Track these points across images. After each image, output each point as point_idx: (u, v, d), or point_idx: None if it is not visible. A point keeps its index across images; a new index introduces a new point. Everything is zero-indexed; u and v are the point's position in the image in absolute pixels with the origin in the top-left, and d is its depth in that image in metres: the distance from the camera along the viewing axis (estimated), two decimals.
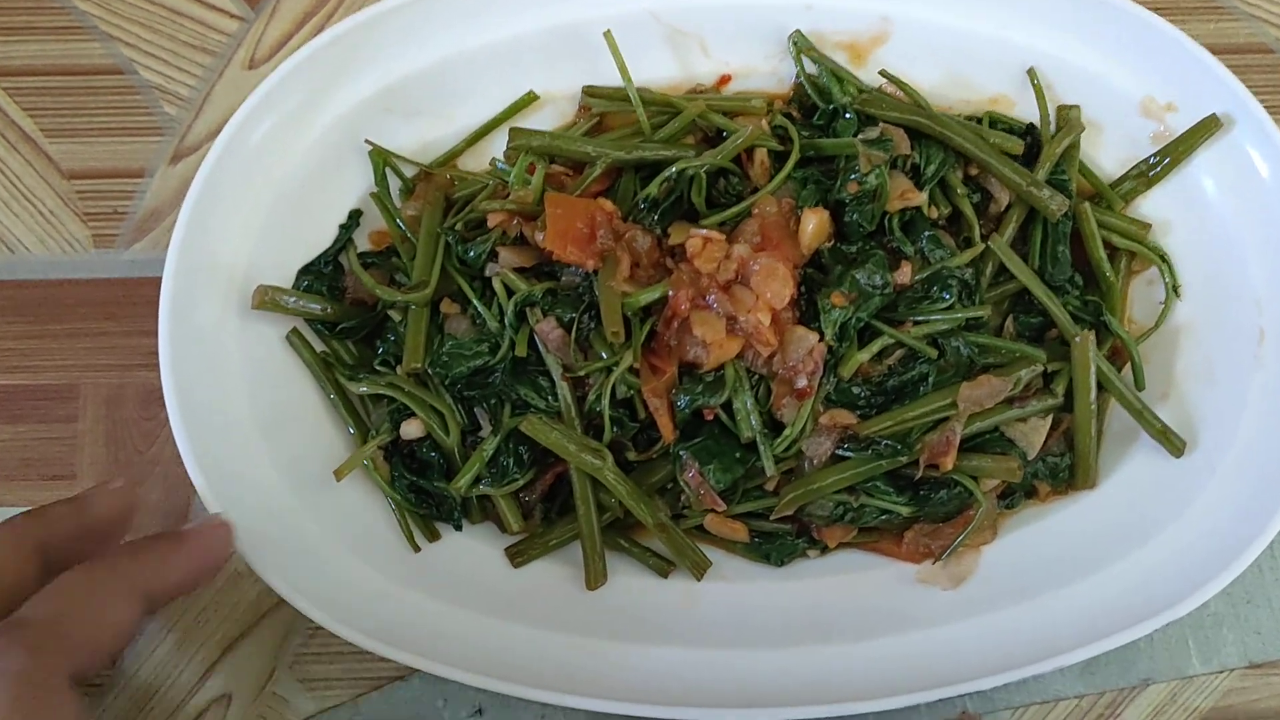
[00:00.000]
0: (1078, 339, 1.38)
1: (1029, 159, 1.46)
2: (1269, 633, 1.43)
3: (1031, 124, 1.49)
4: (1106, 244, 1.44)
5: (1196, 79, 1.43)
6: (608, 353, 1.33)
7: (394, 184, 1.47)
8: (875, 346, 1.35)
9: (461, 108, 1.49)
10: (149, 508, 1.45)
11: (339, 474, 1.35)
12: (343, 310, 1.44)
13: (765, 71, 1.51)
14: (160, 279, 1.33)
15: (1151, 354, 1.44)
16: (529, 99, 1.50)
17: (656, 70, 1.50)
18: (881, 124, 1.41)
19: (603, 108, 1.49)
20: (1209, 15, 1.63)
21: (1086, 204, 1.44)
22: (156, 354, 1.31)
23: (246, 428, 1.35)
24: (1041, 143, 1.46)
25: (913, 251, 1.40)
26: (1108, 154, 1.48)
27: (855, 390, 1.36)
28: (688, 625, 1.35)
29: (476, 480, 1.36)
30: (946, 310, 1.37)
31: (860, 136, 1.40)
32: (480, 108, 1.49)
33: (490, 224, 1.39)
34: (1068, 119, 1.47)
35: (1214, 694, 1.41)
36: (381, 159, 1.46)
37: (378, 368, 1.41)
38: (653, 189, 1.39)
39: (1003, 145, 1.44)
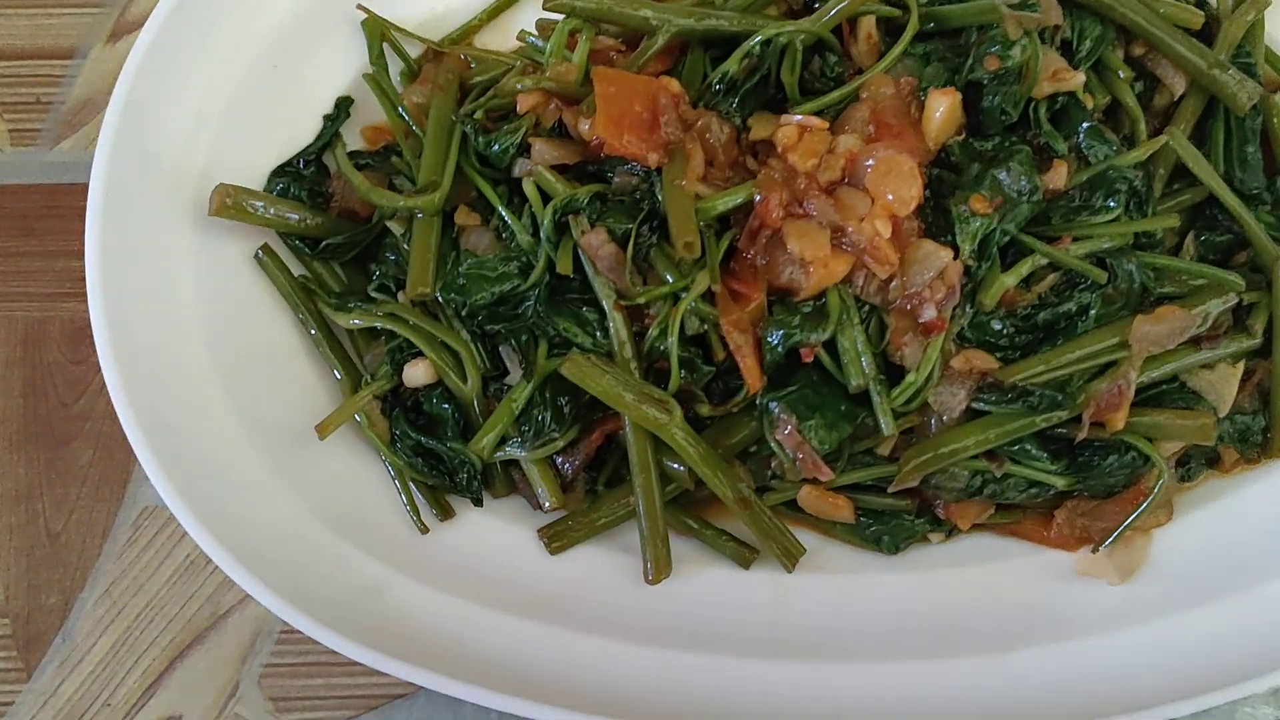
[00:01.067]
0: None
1: (1202, 42, 1.24)
2: None
3: None
4: None
5: None
6: (675, 275, 1.13)
7: (394, 65, 1.31)
8: (1024, 267, 1.14)
9: None
10: (78, 474, 1.24)
11: (322, 431, 1.16)
12: (328, 222, 1.25)
13: None
14: None
15: None
16: None
17: None
18: None
19: None
20: None
21: (1277, 96, 1.23)
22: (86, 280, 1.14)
23: (202, 373, 1.16)
24: (1217, 20, 1.27)
25: (1066, 149, 1.18)
26: None
27: (997, 326, 1.15)
28: (776, 630, 1.16)
29: (502, 440, 1.16)
30: (1113, 223, 1.15)
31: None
32: None
33: (520, 109, 1.20)
34: None
35: None
36: (378, 31, 1.30)
37: (373, 295, 1.23)
38: (731, 65, 1.17)
39: (1177, 17, 1.23)
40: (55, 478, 1.25)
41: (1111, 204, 1.15)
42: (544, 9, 1.20)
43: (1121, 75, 1.22)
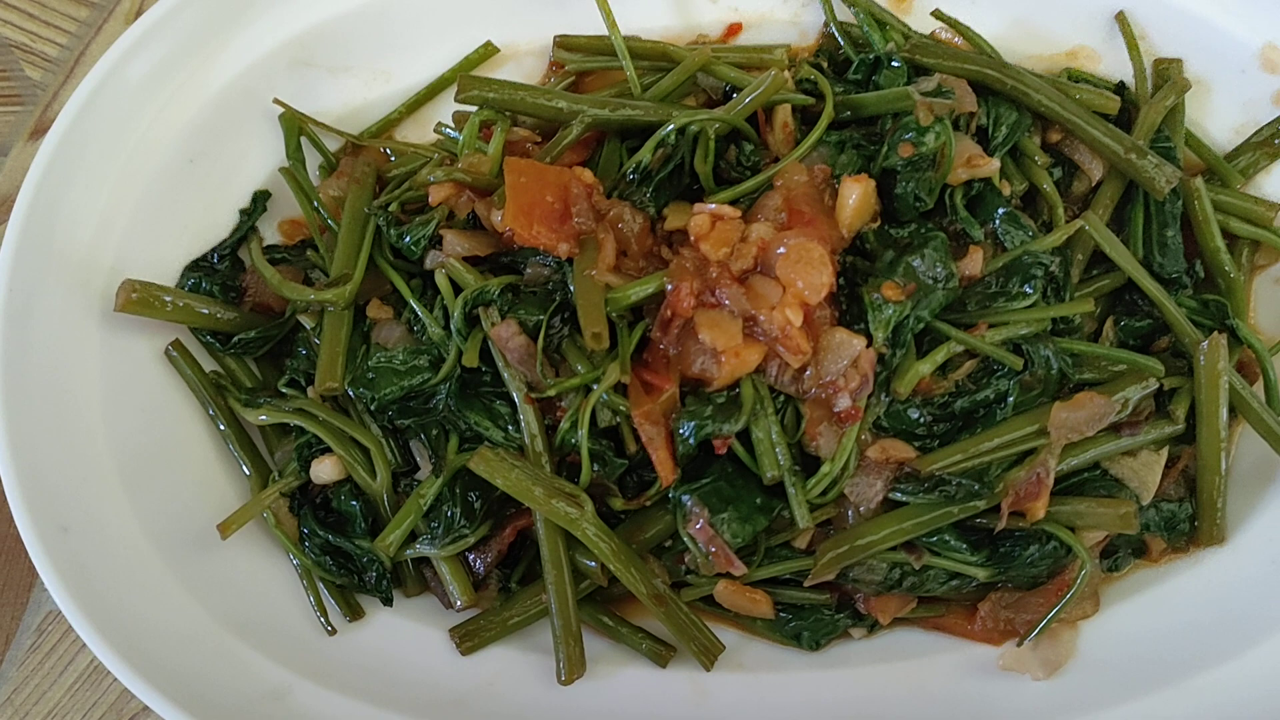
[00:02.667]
0: (1204, 346, 1.13)
1: (1120, 127, 1.24)
2: None
3: (1121, 83, 1.30)
4: (1223, 231, 1.23)
5: None
6: (586, 366, 1.12)
7: (313, 159, 1.29)
8: (939, 355, 1.12)
9: (400, 62, 1.31)
10: None
11: (224, 530, 1.14)
12: (241, 317, 1.23)
13: (784, 19, 1.32)
14: None
15: None
16: (487, 51, 1.31)
17: (648, 18, 1.32)
18: (938, 75, 1.18)
19: (579, 64, 1.29)
20: None
21: (1197, 179, 1.23)
22: None
23: (105, 474, 1.14)
24: (1135, 106, 1.27)
25: (983, 234, 1.17)
26: (1219, 119, 1.29)
27: (914, 414, 1.13)
28: None
29: (412, 537, 1.15)
30: (1030, 309, 1.13)
31: (914, 87, 1.16)
32: (424, 63, 1.31)
33: (433, 200, 1.18)
34: (1167, 76, 1.30)
35: None
36: (295, 125, 1.27)
37: (284, 390, 1.20)
38: (644, 155, 1.16)
39: (1093, 103, 1.22)
40: None
41: (1028, 290, 1.13)
42: (456, 99, 1.18)
43: (1038, 161, 1.20)
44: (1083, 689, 1.11)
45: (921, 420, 1.11)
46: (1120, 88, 1.27)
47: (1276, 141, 1.24)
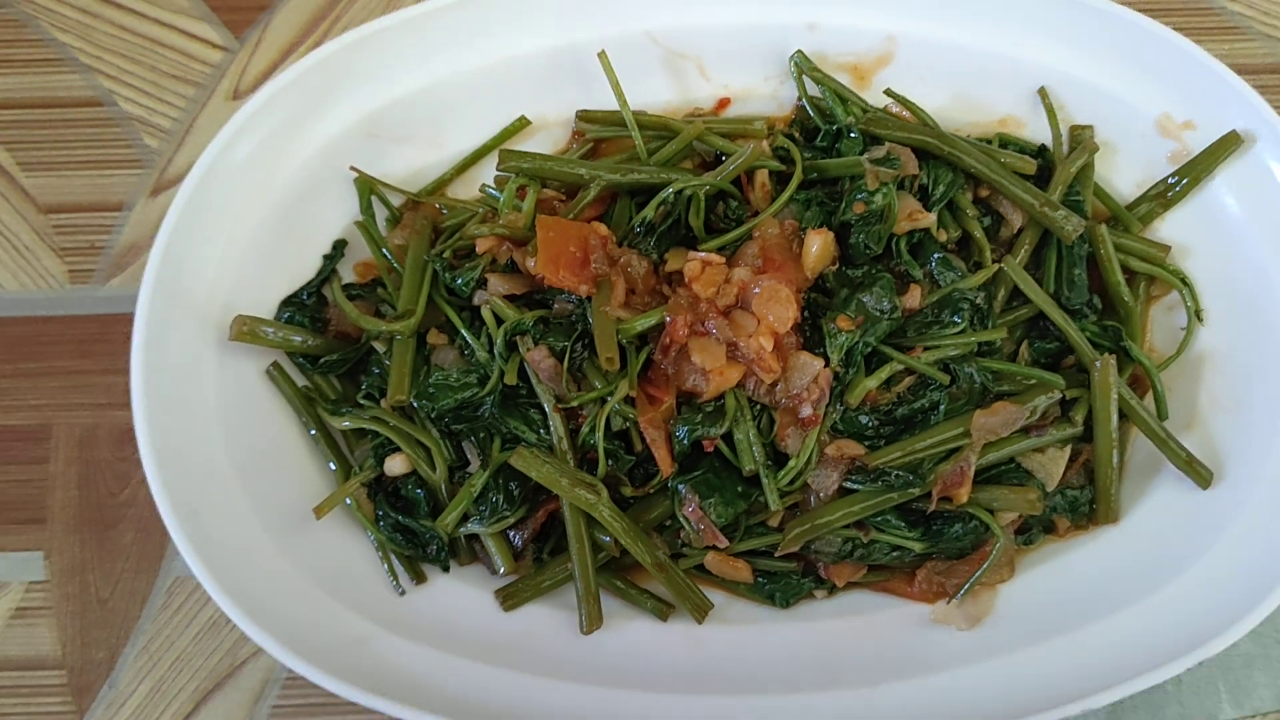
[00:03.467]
0: (1098, 364, 1.32)
1: (1042, 181, 1.42)
2: None
3: (1043, 145, 1.45)
4: (1125, 268, 1.40)
5: (1215, 95, 1.39)
6: (602, 382, 1.29)
7: (380, 213, 1.46)
8: (883, 373, 1.30)
9: (451, 134, 1.47)
10: (122, 551, 1.40)
11: (319, 512, 1.30)
12: (326, 343, 1.40)
13: (765, 94, 1.49)
14: None
15: (1174, 383, 1.40)
16: (521, 124, 1.47)
17: (653, 94, 1.47)
18: (888, 143, 1.37)
19: (597, 133, 1.46)
20: (1225, 35, 1.60)
21: (1103, 226, 1.40)
22: (130, 392, 1.28)
23: (223, 467, 1.32)
24: (1054, 164, 1.43)
25: (921, 275, 1.36)
26: (1123, 175, 1.45)
27: (863, 420, 1.31)
28: (689, 671, 1.30)
29: (464, 518, 1.32)
30: (958, 335, 1.32)
31: (866, 155, 1.36)
32: (470, 134, 1.47)
33: (479, 249, 1.36)
34: (1081, 139, 1.44)
35: None
36: (367, 187, 1.43)
37: (361, 402, 1.37)
38: (649, 212, 1.35)
39: (1015, 165, 1.40)
40: (104, 554, 1.38)
41: (957, 320, 1.31)
42: (498, 169, 1.37)
43: (970, 213, 1.37)
44: (998, 637, 1.27)
45: (870, 424, 1.30)
46: (1042, 150, 1.43)
47: (1169, 194, 1.39)
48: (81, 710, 1.35)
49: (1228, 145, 1.38)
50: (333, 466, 1.37)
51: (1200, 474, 1.32)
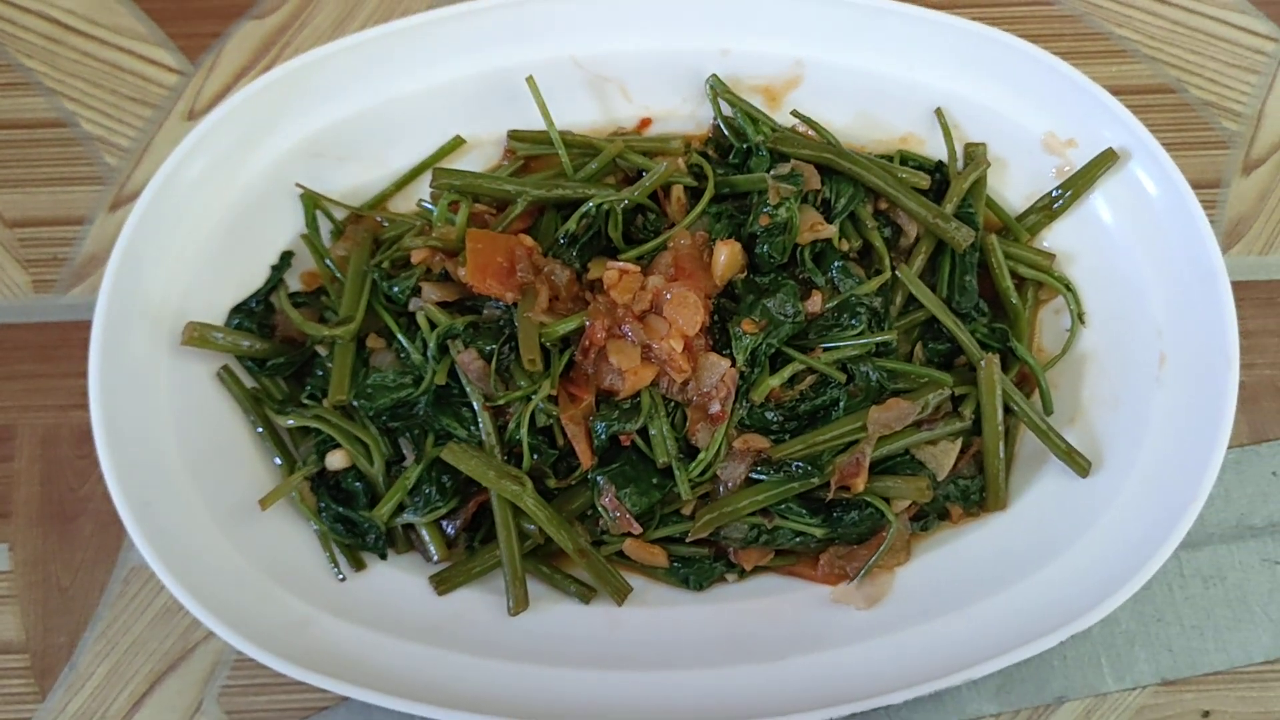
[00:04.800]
0: (983, 363, 1.42)
1: (938, 194, 1.52)
2: (1180, 650, 1.45)
3: (940, 161, 1.55)
4: (1014, 274, 1.50)
5: (1094, 115, 1.49)
6: (527, 382, 1.38)
7: (325, 226, 1.54)
8: (786, 372, 1.40)
9: (391, 152, 1.55)
10: (81, 543, 1.48)
11: (264, 503, 1.39)
12: (272, 347, 1.48)
13: (684, 114, 1.57)
14: None
15: (1060, 380, 1.49)
16: (456, 143, 1.56)
17: (579, 114, 1.56)
18: (793, 160, 1.47)
19: (527, 151, 1.55)
20: (1111, 59, 1.70)
21: (993, 236, 1.50)
22: None
23: (175, 463, 1.40)
24: (949, 179, 1.53)
25: (823, 281, 1.44)
26: (1013, 189, 1.55)
27: (769, 415, 1.40)
28: (610, 649, 1.38)
29: (400, 509, 1.40)
30: (856, 336, 1.42)
31: (772, 173, 1.45)
32: (409, 152, 1.55)
33: (414, 260, 1.44)
34: (974, 156, 1.53)
35: (1128, 711, 1.44)
36: (312, 202, 1.52)
37: (305, 402, 1.46)
38: (571, 224, 1.44)
39: (910, 180, 1.49)
40: (64, 546, 1.45)
41: (855, 323, 1.40)
42: (430, 187, 1.46)
43: (870, 224, 1.46)
44: (894, 615, 1.36)
45: (776, 420, 1.38)
46: (939, 165, 1.52)
47: (1054, 206, 1.49)
48: (44, 691, 1.42)
49: (1105, 161, 1.48)
50: (278, 462, 1.45)
51: (1079, 463, 1.42)
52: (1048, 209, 1.52)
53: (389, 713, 1.36)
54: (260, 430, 1.46)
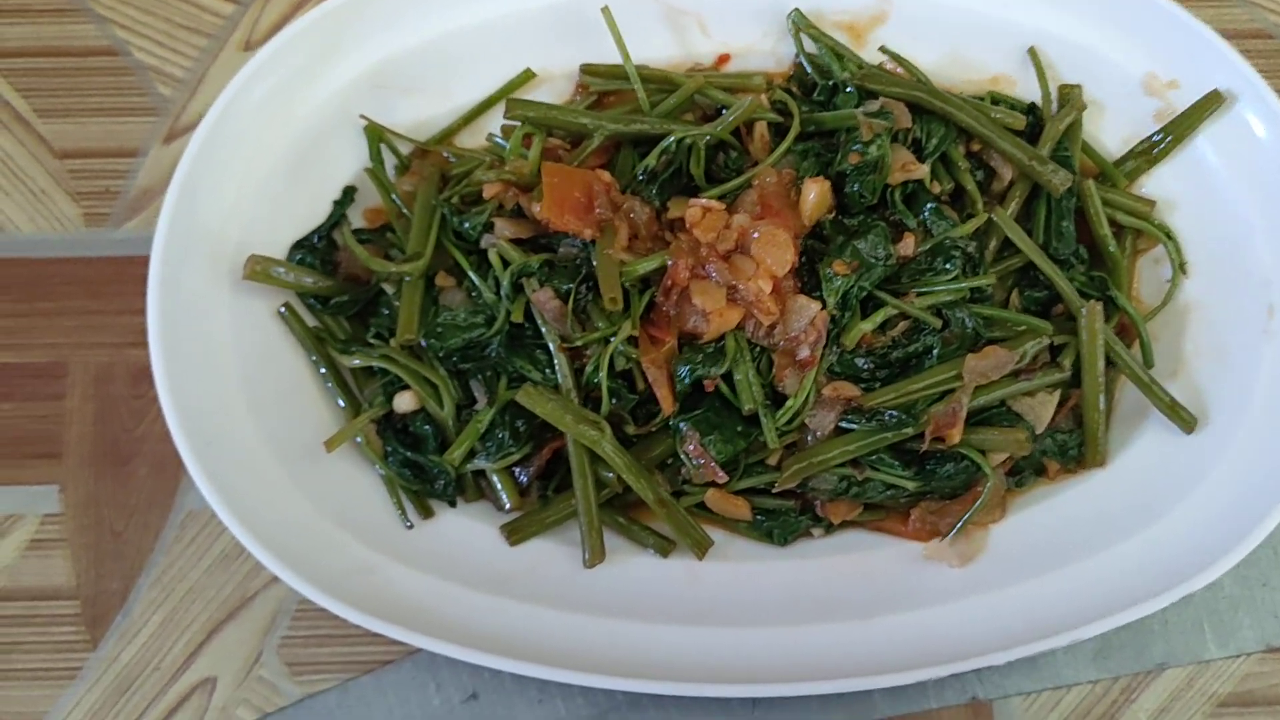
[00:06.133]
0: (1085, 310, 1.36)
1: (1031, 138, 1.46)
2: None
3: (1033, 103, 1.49)
4: (1112, 222, 1.44)
5: (1198, 55, 1.43)
6: (605, 323, 1.33)
7: (389, 161, 1.48)
8: (879, 316, 1.34)
9: (458, 85, 1.49)
10: (136, 485, 1.43)
11: (330, 445, 1.34)
12: (336, 285, 1.43)
13: (764, 51, 1.52)
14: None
15: (1160, 332, 1.43)
16: (526, 76, 1.50)
17: (655, 50, 1.50)
18: (883, 98, 1.41)
19: (600, 86, 1.49)
20: (1209, 2, 1.63)
21: (1090, 181, 1.44)
22: (146, 332, 1.31)
23: (237, 402, 1.35)
24: (1043, 121, 1.47)
25: (915, 224, 1.39)
26: (1110, 133, 1.49)
27: (859, 362, 1.35)
28: (689, 604, 1.33)
29: (471, 454, 1.35)
30: (950, 281, 1.36)
31: (861, 109, 1.40)
32: (477, 85, 1.49)
33: (486, 195, 1.39)
34: (1069, 98, 1.47)
35: (1231, 679, 1.38)
36: (376, 135, 1.46)
37: (371, 341, 1.41)
38: (651, 160, 1.38)
39: (1005, 121, 1.44)
40: (118, 488, 1.41)
41: (949, 267, 1.34)
42: (505, 118, 1.41)
43: (962, 166, 1.41)
44: (988, 574, 1.31)
45: (866, 367, 1.33)
46: (1032, 107, 1.46)
47: (1154, 151, 1.43)
48: (95, 639, 1.38)
49: (1210, 103, 1.42)
50: (342, 404, 1.40)
51: (1184, 419, 1.36)
52: (1147, 154, 1.46)
53: (456, 666, 1.34)
54: (323, 371, 1.41)
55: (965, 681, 1.38)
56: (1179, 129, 1.44)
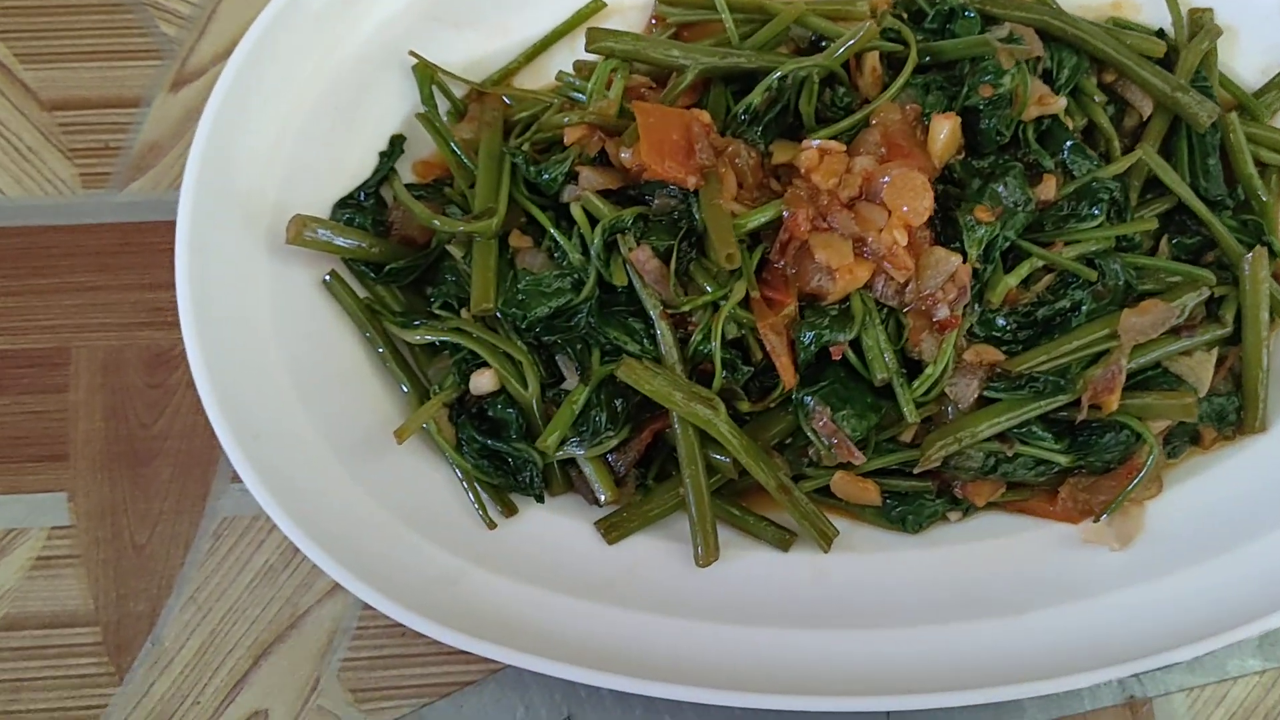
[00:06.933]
0: (1249, 257, 1.23)
1: (1165, 68, 1.31)
2: None
3: (1161, 29, 1.36)
4: (1255, 160, 1.31)
5: None
6: (714, 285, 1.17)
7: (441, 106, 1.32)
8: (1024, 269, 1.20)
9: (518, 18, 1.35)
10: (159, 490, 1.26)
11: (400, 435, 1.18)
12: (390, 248, 1.26)
13: None
14: (164, 222, 1.24)
15: None
16: (596, 7, 1.36)
17: None
18: (1009, 24, 1.27)
19: (680, 17, 1.34)
20: None
21: (1233, 114, 1.30)
22: (161, 310, 1.21)
23: (284, 387, 1.19)
24: (1176, 50, 1.34)
25: (1053, 165, 1.25)
26: (1246, 62, 1.37)
27: (1001, 322, 1.21)
28: (815, 604, 1.20)
29: (563, 440, 1.18)
30: (1097, 228, 1.22)
31: (989, 35, 1.24)
32: (539, 17, 1.36)
33: (568, 140, 1.23)
34: (1202, 23, 1.35)
35: None
36: (428, 75, 1.31)
37: (437, 312, 1.24)
38: (755, 97, 1.23)
39: (1141, 48, 1.30)
40: (138, 494, 1.25)
41: (1095, 212, 1.22)
42: (586, 50, 1.25)
43: (1096, 99, 1.28)
44: (1154, 557, 1.18)
45: (1008, 327, 1.20)
46: (1160, 34, 1.33)
47: None
48: (121, 671, 1.21)
49: None
50: (405, 388, 1.24)
51: None
52: None
53: (548, 684, 1.21)
54: (380, 350, 1.24)
55: (1122, 678, 1.22)
56: None
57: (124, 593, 1.23)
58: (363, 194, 1.27)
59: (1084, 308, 1.21)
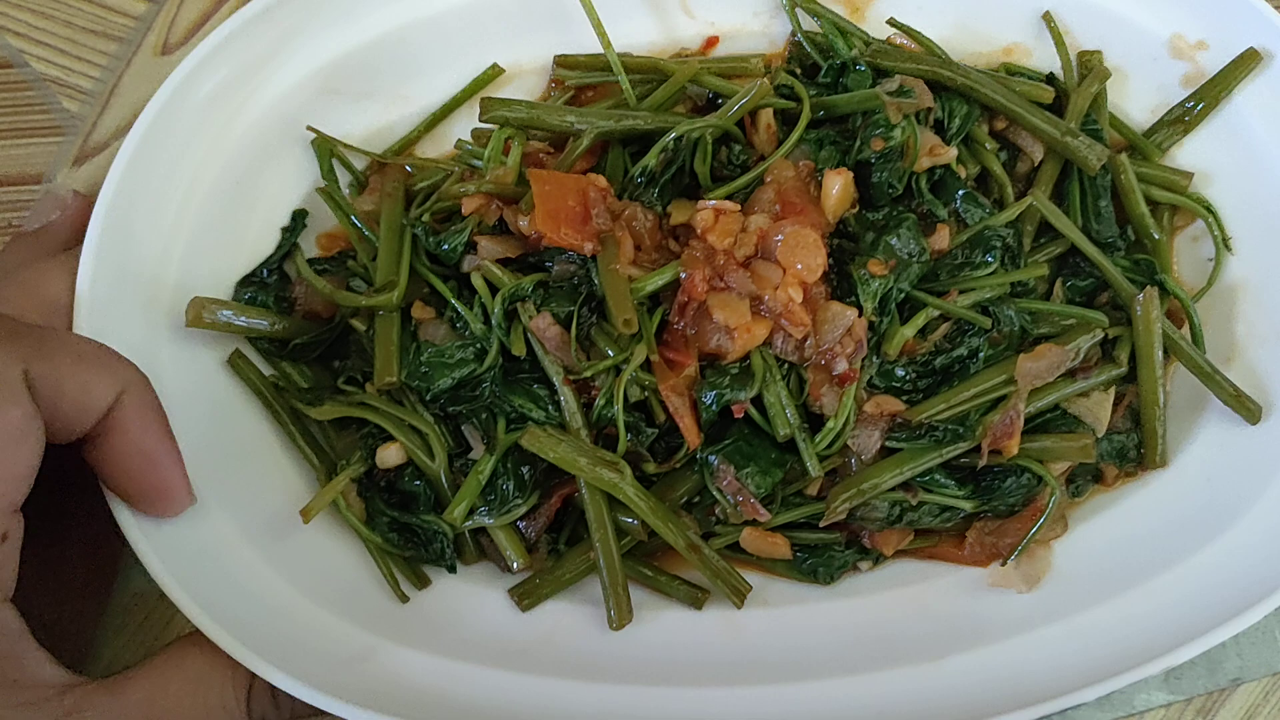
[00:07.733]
0: (1140, 298, 1.24)
1: (1054, 112, 1.33)
2: None
3: (1051, 74, 1.37)
4: (1146, 199, 1.32)
5: (1227, 11, 1.32)
6: (615, 349, 1.18)
7: (342, 179, 1.32)
8: (920, 319, 1.21)
9: (416, 86, 1.34)
10: (69, 583, 1.21)
11: (306, 514, 1.16)
12: (294, 325, 1.25)
13: (756, 31, 1.39)
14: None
15: (1207, 316, 1.32)
16: (493, 73, 1.35)
17: (634, 35, 1.36)
18: (899, 76, 1.28)
19: (578, 79, 1.34)
20: None
21: (1123, 155, 1.32)
22: None
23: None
24: (1066, 94, 1.35)
25: (947, 214, 1.26)
26: (1136, 102, 1.38)
27: (900, 372, 1.22)
28: (732, 661, 1.20)
29: (471, 510, 1.18)
30: (991, 275, 1.24)
31: (880, 89, 1.25)
32: (438, 85, 1.34)
33: (466, 210, 1.23)
34: (1091, 65, 1.36)
35: None
36: (328, 149, 1.30)
37: (342, 387, 1.23)
38: (650, 159, 1.23)
39: (1031, 94, 1.32)
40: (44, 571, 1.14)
41: (989, 259, 1.23)
42: (480, 120, 1.25)
43: (988, 147, 1.30)
44: (1061, 597, 1.19)
45: (908, 377, 1.21)
46: (1050, 78, 1.34)
47: (1186, 119, 1.32)
48: None
49: (1245, 63, 1.31)
50: (314, 463, 1.22)
51: (1249, 409, 1.25)
52: (1179, 122, 1.35)
53: None
54: (288, 427, 1.22)
55: None
56: (1212, 93, 1.33)
57: None
58: (265, 270, 1.26)
59: (981, 355, 1.22)
